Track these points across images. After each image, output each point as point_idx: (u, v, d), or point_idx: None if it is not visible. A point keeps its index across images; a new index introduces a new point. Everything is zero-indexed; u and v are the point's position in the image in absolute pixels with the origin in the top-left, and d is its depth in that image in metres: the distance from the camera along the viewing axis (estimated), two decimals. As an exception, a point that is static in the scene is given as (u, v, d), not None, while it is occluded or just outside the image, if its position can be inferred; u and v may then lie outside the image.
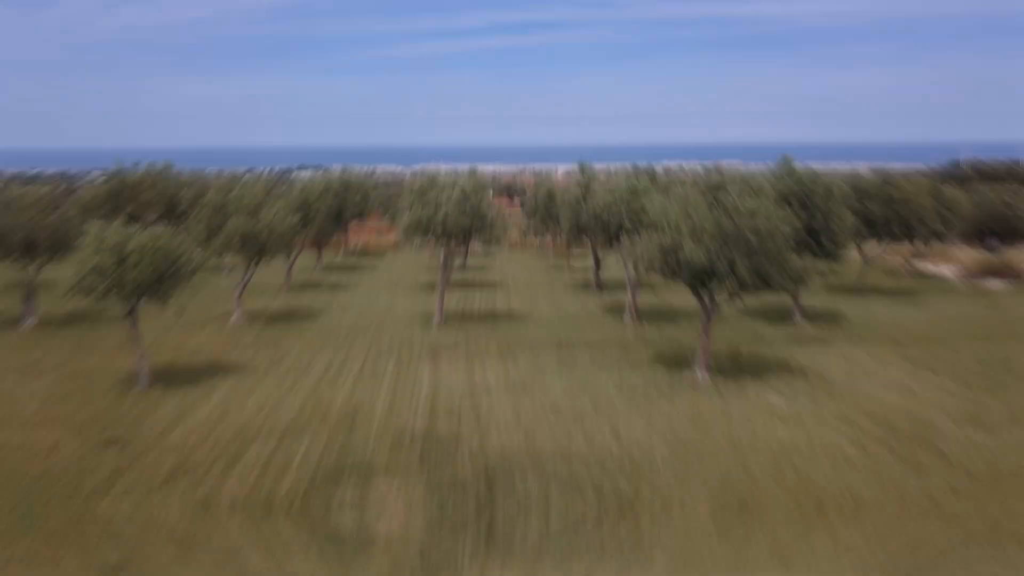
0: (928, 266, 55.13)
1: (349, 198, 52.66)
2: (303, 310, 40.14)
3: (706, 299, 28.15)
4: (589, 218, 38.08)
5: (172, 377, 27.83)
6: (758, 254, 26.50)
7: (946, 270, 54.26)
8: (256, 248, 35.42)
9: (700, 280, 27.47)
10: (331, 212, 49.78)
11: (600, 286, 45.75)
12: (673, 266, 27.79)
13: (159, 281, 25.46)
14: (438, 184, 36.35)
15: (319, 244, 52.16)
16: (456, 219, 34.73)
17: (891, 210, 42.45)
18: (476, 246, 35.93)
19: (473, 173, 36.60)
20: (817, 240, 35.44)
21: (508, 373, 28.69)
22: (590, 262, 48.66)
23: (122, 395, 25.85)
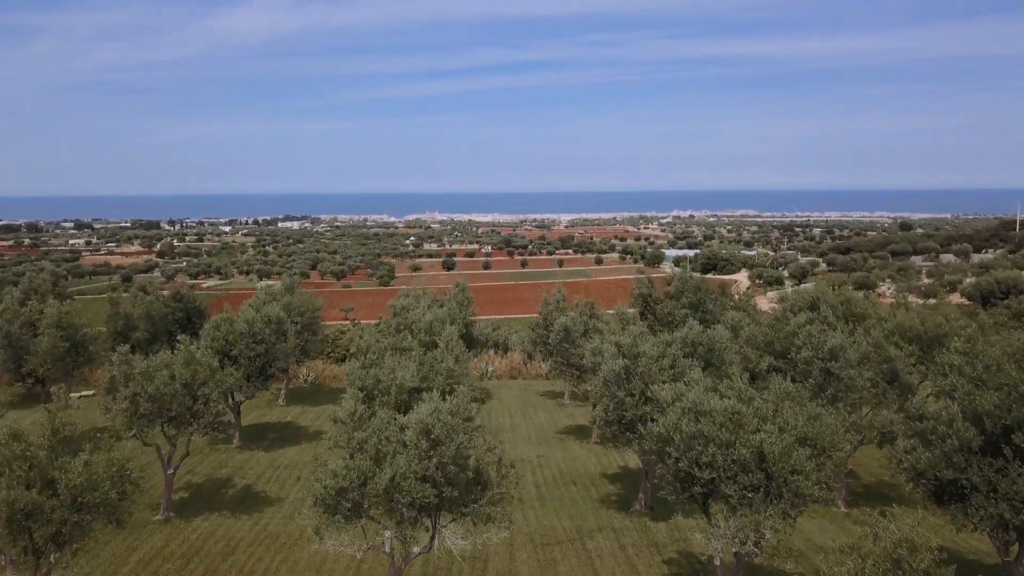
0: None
1: (282, 340, 36.57)
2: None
3: None
4: (648, 447, 22.12)
5: None
6: None
7: None
8: (47, 537, 19.32)
9: None
10: (250, 371, 34.11)
11: (651, 504, 29.64)
12: None
13: None
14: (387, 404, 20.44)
15: (235, 411, 35.85)
16: (413, 486, 18.75)
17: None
18: (450, 537, 19.82)
19: (452, 389, 20.59)
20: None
21: None
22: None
23: None
